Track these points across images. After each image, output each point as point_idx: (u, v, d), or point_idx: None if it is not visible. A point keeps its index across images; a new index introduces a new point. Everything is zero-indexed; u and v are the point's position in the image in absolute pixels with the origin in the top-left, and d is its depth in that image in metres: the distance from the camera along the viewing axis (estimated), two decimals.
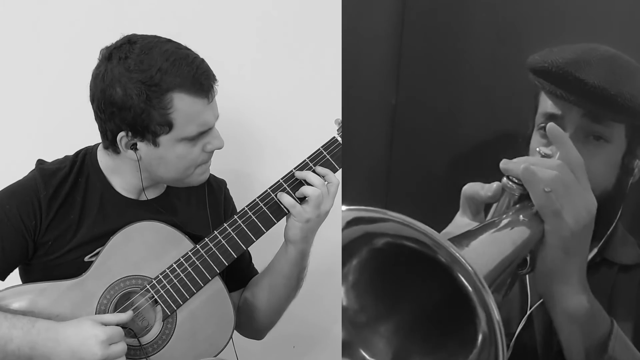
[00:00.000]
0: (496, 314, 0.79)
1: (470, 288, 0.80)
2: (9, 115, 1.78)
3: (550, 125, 1.06)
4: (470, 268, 0.79)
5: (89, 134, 1.40)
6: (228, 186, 1.59)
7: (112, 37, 1.36)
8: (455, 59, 1.55)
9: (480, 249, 0.92)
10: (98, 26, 1.74)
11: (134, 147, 1.35)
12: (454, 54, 1.55)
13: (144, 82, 1.30)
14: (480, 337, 0.84)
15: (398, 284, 0.94)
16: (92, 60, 1.36)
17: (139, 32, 1.37)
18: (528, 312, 1.17)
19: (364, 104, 1.57)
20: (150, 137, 1.34)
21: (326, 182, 1.40)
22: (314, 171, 1.40)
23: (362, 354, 0.95)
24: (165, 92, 1.31)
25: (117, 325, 1.34)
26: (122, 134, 1.34)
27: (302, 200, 1.40)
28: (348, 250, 0.93)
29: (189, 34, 1.70)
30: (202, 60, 1.35)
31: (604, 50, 1.19)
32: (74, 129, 1.45)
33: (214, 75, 1.36)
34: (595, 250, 1.19)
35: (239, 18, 1.78)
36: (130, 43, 1.33)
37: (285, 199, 1.40)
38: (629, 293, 1.19)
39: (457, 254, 0.80)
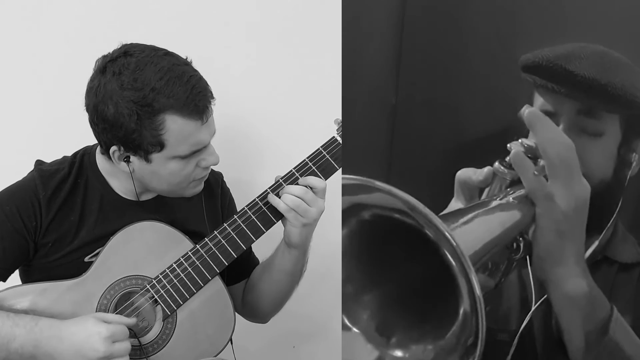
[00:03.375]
0: (478, 291, 0.80)
1: (454, 263, 0.81)
2: (7, 115, 1.78)
3: (530, 110, 1.06)
4: (455, 244, 0.80)
5: (87, 134, 1.40)
6: (227, 186, 1.58)
7: (111, 38, 1.35)
8: (455, 58, 1.55)
9: (467, 227, 0.93)
10: (98, 26, 1.74)
11: (126, 159, 1.35)
12: (454, 53, 1.55)
13: (135, 102, 1.28)
14: (461, 312, 0.85)
15: (385, 256, 0.95)
16: (91, 61, 1.35)
17: (138, 33, 1.36)
18: (532, 309, 1.17)
19: (364, 104, 1.57)
20: (142, 153, 1.32)
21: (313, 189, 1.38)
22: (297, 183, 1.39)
23: (346, 323, 0.96)
24: (158, 113, 1.28)
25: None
26: (114, 147, 1.33)
27: None
28: (343, 219, 0.93)
29: (187, 34, 1.71)
30: (200, 79, 1.32)
31: (594, 46, 1.21)
32: (73, 130, 1.45)
33: (211, 94, 1.33)
34: (596, 244, 1.19)
35: (239, 18, 1.78)
36: (126, 56, 1.30)
37: (281, 206, 1.37)
38: (628, 291, 1.19)
39: (444, 230, 0.81)
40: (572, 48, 1.19)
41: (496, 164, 1.06)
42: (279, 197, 1.38)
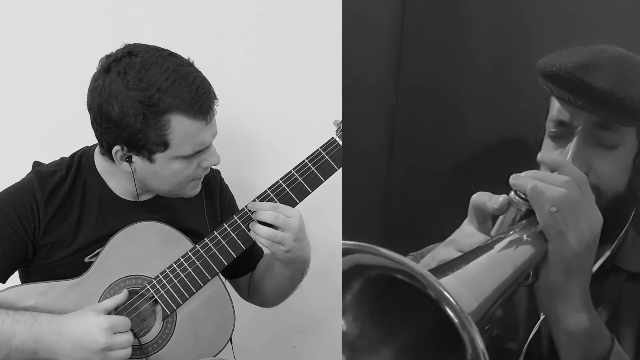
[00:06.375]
0: (481, 345, 0.81)
1: (456, 321, 0.82)
2: (6, 117, 1.77)
3: (532, 186, 1.02)
4: (455, 304, 0.81)
5: (86, 135, 1.40)
6: (226, 183, 1.59)
7: (111, 38, 1.35)
8: (456, 59, 1.55)
9: (478, 275, 0.92)
10: (97, 27, 1.73)
11: (129, 159, 1.35)
12: (455, 54, 1.55)
13: (142, 102, 1.28)
14: None
15: (394, 311, 0.95)
16: (91, 61, 1.35)
17: (138, 33, 1.36)
18: (541, 317, 1.15)
19: (364, 104, 1.57)
20: (146, 153, 1.33)
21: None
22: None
23: None
24: (163, 113, 1.29)
25: (117, 307, 1.35)
26: (117, 147, 1.33)
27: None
28: (345, 278, 0.93)
29: (187, 35, 1.70)
30: (203, 80, 1.33)
31: (613, 51, 1.17)
32: (72, 131, 1.45)
33: (214, 95, 1.34)
34: (607, 254, 1.17)
35: (238, 18, 1.78)
36: (130, 56, 1.31)
37: (261, 235, 1.37)
38: (636, 302, 1.17)
39: (444, 292, 0.82)
40: (590, 54, 1.15)
41: (512, 193, 1.03)
42: (263, 215, 1.37)
